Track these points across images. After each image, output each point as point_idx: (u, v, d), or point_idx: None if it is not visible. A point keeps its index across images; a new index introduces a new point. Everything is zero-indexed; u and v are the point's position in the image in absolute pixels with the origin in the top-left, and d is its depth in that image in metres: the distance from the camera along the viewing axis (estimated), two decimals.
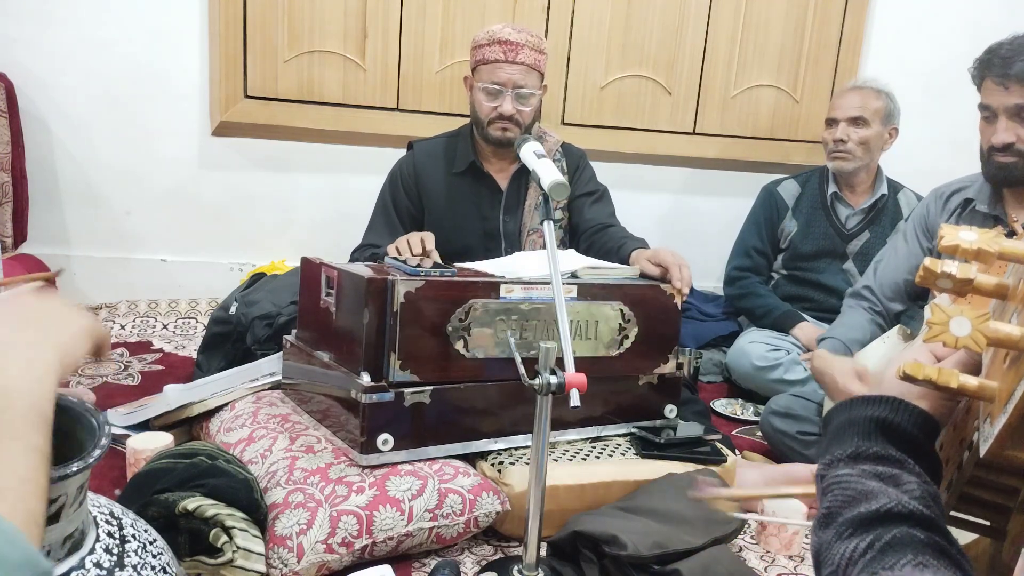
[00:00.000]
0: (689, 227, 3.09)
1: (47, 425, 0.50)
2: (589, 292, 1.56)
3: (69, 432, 0.78)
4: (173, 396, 1.72)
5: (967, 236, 0.61)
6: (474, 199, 2.12)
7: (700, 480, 1.07)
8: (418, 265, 1.47)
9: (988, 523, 0.70)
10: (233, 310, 1.97)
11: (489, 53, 1.97)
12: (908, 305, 1.87)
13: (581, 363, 1.21)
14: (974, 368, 0.69)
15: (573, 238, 2.16)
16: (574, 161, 2.20)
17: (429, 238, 1.86)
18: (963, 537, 0.75)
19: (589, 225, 2.10)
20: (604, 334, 1.58)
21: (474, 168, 2.11)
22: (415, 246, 1.83)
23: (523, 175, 2.12)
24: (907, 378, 0.64)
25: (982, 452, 0.62)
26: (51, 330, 0.56)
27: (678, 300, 1.66)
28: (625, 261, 1.83)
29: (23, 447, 0.48)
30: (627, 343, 1.61)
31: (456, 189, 2.12)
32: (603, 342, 1.58)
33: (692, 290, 1.74)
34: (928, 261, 0.61)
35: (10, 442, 0.47)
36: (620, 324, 1.60)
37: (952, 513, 0.71)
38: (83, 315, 0.62)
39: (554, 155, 2.13)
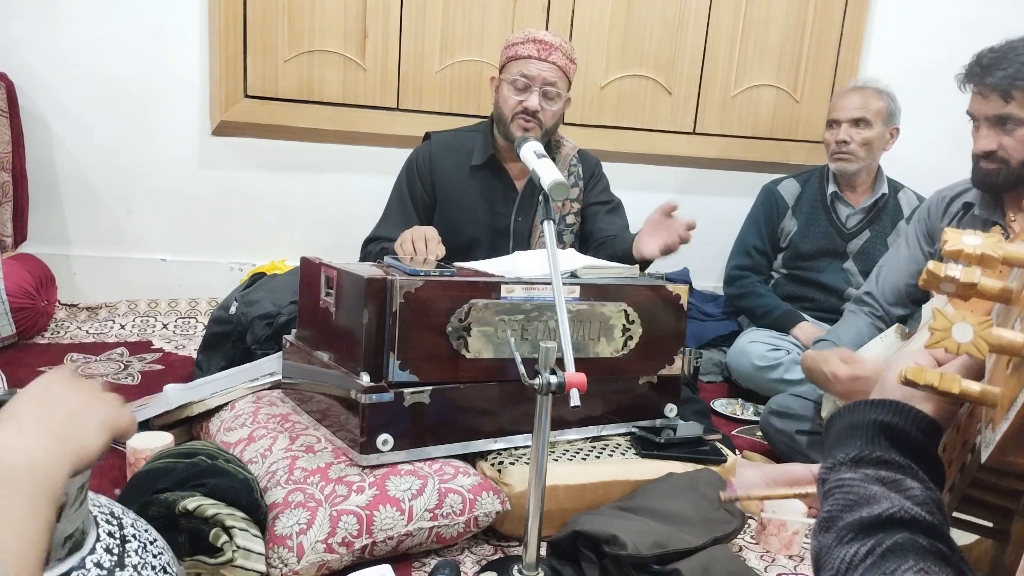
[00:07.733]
0: None
1: (55, 502, 0.60)
2: (592, 292, 1.56)
3: None
4: (173, 396, 1.72)
5: (971, 241, 0.60)
6: (488, 195, 2.11)
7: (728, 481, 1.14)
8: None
9: (991, 525, 0.70)
10: (233, 310, 1.97)
11: (522, 50, 1.97)
12: (911, 309, 1.86)
13: (586, 364, 1.21)
14: (977, 372, 0.69)
15: (583, 245, 2.15)
16: (590, 168, 2.20)
17: (433, 241, 1.85)
18: (964, 538, 0.75)
19: (602, 235, 2.09)
20: (609, 335, 1.58)
21: (493, 163, 2.09)
22: (420, 251, 1.82)
23: None
24: (908, 383, 0.63)
25: (984, 458, 0.62)
26: (72, 428, 0.65)
27: (683, 300, 1.66)
28: (628, 256, 1.83)
29: (31, 513, 0.57)
30: (631, 344, 1.61)
31: (471, 183, 2.10)
32: (608, 343, 1.58)
33: (692, 290, 1.74)
34: (932, 265, 0.61)
35: (20, 508, 0.57)
36: (624, 325, 1.59)
37: (955, 514, 0.71)
38: (107, 409, 0.70)
39: (570, 160, 2.13)
